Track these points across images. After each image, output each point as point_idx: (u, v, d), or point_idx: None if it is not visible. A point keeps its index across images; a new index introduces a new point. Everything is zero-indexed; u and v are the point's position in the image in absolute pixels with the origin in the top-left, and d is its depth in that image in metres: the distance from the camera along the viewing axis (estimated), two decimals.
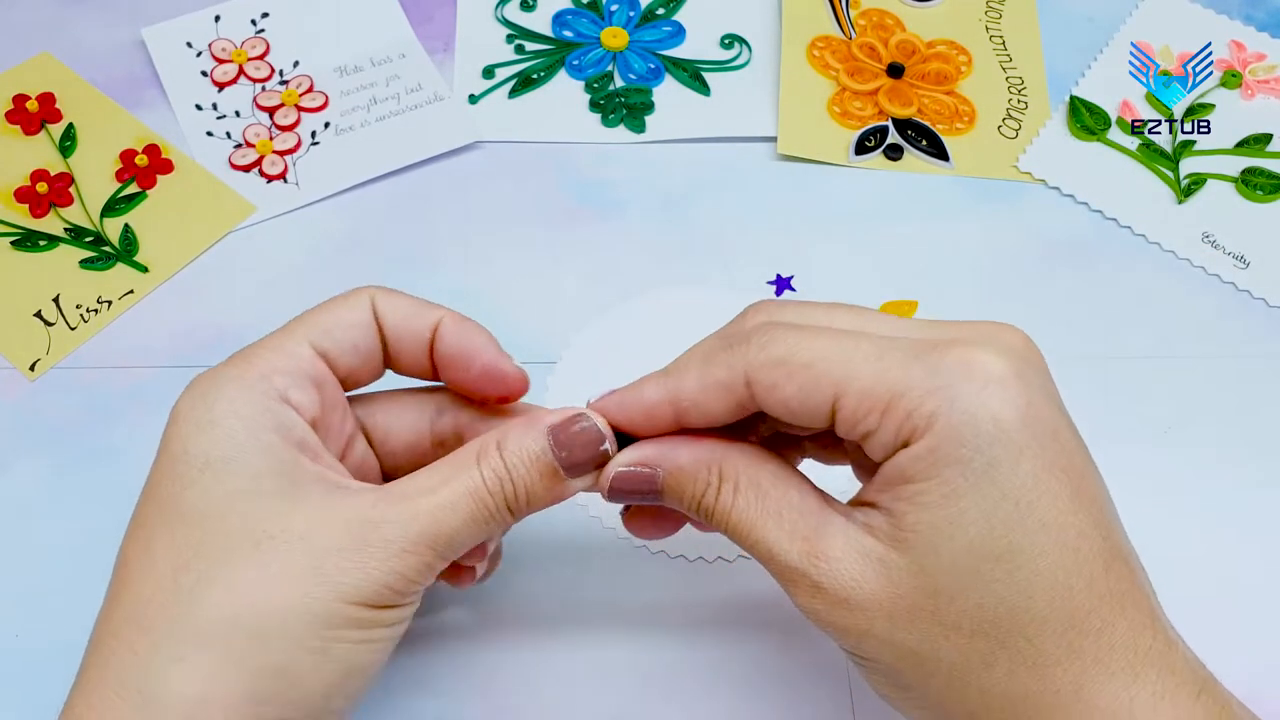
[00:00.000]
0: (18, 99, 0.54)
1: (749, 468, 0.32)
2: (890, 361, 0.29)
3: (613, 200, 0.52)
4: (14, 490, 0.44)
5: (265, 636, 0.29)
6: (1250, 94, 0.56)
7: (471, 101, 0.55)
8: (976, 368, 0.28)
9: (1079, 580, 0.28)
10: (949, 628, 0.29)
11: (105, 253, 0.50)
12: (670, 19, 0.58)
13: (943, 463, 0.28)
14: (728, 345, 0.31)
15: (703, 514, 0.32)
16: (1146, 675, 0.28)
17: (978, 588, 0.28)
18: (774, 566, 0.31)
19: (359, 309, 0.34)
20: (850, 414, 0.29)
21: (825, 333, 0.30)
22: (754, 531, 0.31)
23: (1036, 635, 0.28)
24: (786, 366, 0.29)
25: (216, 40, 0.56)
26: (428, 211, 0.52)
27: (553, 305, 0.49)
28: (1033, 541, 0.28)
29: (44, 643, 0.41)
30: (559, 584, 0.42)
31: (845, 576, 0.30)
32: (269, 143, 0.53)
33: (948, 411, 0.28)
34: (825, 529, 0.30)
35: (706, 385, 0.31)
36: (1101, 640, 0.28)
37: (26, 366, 0.47)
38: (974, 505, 0.28)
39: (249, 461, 0.30)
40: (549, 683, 0.40)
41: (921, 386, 0.28)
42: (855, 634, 0.30)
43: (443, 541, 0.31)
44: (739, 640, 0.41)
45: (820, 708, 0.40)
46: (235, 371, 0.32)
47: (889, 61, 0.57)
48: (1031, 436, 0.28)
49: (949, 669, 0.29)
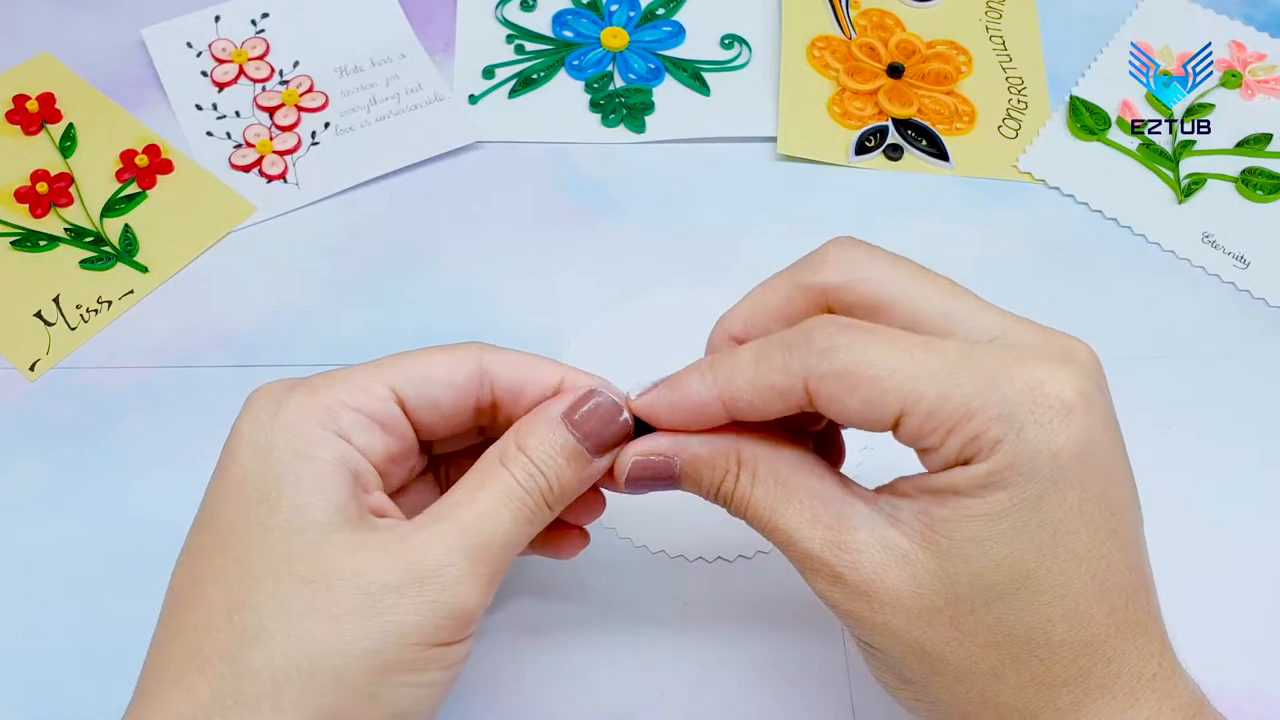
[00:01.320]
0: (18, 99, 0.54)
1: (767, 454, 0.31)
2: (960, 380, 0.28)
3: (612, 200, 0.52)
4: (14, 490, 0.44)
5: (319, 681, 0.28)
6: (1250, 94, 0.56)
7: (471, 101, 0.55)
8: (1046, 397, 0.28)
9: (1100, 610, 0.28)
10: (964, 635, 0.29)
11: (105, 253, 0.50)
12: (670, 19, 0.58)
13: (996, 486, 0.28)
14: (786, 347, 0.30)
15: (721, 500, 0.32)
16: (1145, 701, 0.29)
17: (1001, 604, 0.28)
18: (794, 553, 0.31)
19: (457, 369, 0.33)
20: (914, 430, 0.29)
21: (892, 342, 0.29)
22: (774, 518, 0.31)
23: (1049, 657, 0.29)
24: (851, 380, 0.29)
25: (216, 40, 0.56)
26: (428, 211, 0.52)
27: (552, 305, 0.49)
28: (1063, 569, 0.28)
29: (44, 643, 0.41)
30: (558, 584, 0.42)
31: (867, 568, 0.29)
32: (269, 143, 0.53)
33: (1013, 441, 0.28)
34: (848, 517, 0.30)
35: (760, 389, 0.30)
36: (1110, 667, 0.29)
37: (26, 366, 0.47)
38: (1013, 527, 0.28)
39: (303, 496, 0.30)
40: (548, 683, 0.40)
41: (989, 413, 0.28)
42: (870, 625, 0.30)
43: (494, 553, 0.30)
44: (738, 640, 0.41)
45: (820, 708, 0.40)
46: (301, 397, 0.31)
47: (889, 61, 0.57)
48: (1085, 472, 0.28)
49: (956, 672, 0.29)
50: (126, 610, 0.41)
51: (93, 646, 0.41)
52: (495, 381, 0.33)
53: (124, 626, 0.41)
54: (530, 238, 0.51)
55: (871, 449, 0.45)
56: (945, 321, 0.30)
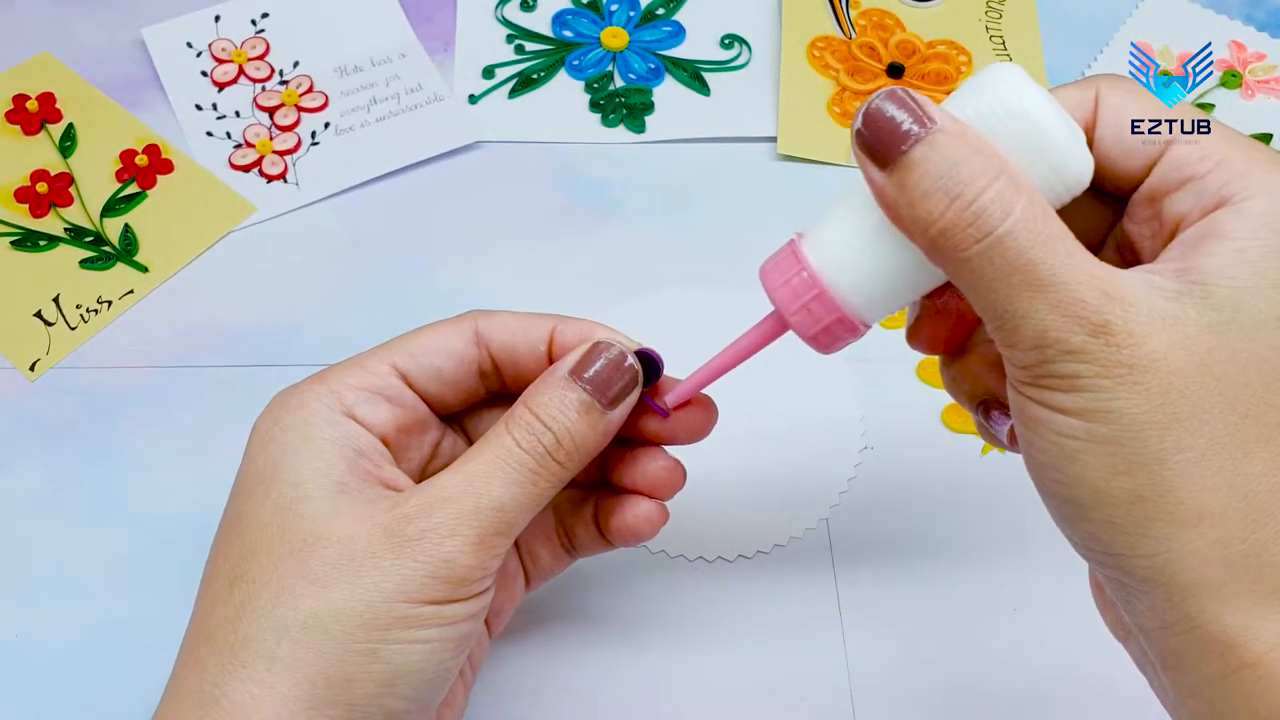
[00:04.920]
0: (18, 99, 0.54)
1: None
2: (1229, 133, 0.28)
3: (613, 200, 0.52)
4: (14, 490, 0.44)
5: (312, 641, 0.29)
6: (1250, 94, 0.56)
7: (471, 101, 0.55)
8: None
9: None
10: (1227, 400, 0.25)
11: (105, 253, 0.50)
12: (670, 19, 0.58)
13: (1269, 229, 0.26)
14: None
15: (965, 222, 0.26)
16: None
17: (1276, 354, 0.26)
18: (1051, 296, 0.25)
19: (453, 337, 0.34)
20: (1181, 159, 0.27)
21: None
22: (1036, 249, 0.25)
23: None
24: (1138, 100, 0.29)
25: (216, 40, 0.56)
26: (428, 211, 0.52)
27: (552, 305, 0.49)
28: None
29: (44, 643, 0.41)
30: (558, 584, 0.42)
31: (1136, 322, 0.25)
32: (269, 143, 0.53)
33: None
34: (1114, 273, 0.26)
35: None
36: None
37: (26, 366, 0.47)
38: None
39: (300, 474, 0.31)
40: (547, 683, 0.40)
41: (1259, 158, 0.27)
42: (1123, 388, 0.25)
43: (487, 514, 0.30)
44: (738, 640, 0.41)
45: (821, 708, 0.40)
46: (308, 385, 0.33)
47: (889, 61, 0.57)
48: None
49: (1206, 445, 0.25)
50: (127, 610, 0.41)
51: (93, 646, 0.41)
52: (490, 343, 0.34)
53: (124, 626, 0.41)
54: (530, 238, 0.51)
55: (872, 449, 0.45)
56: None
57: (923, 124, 0.26)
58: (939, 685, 0.41)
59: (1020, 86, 0.27)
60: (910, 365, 0.48)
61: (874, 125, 0.27)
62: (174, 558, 0.42)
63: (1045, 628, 0.42)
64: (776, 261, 0.31)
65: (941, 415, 0.46)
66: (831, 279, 0.30)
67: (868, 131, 0.27)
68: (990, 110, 0.27)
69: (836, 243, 0.30)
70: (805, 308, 0.30)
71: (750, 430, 0.44)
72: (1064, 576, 0.36)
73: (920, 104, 0.27)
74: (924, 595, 0.42)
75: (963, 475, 0.45)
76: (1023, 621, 0.42)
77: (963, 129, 0.26)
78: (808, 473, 0.45)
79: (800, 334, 0.31)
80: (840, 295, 0.30)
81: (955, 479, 0.45)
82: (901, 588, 0.43)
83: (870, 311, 0.30)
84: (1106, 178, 0.29)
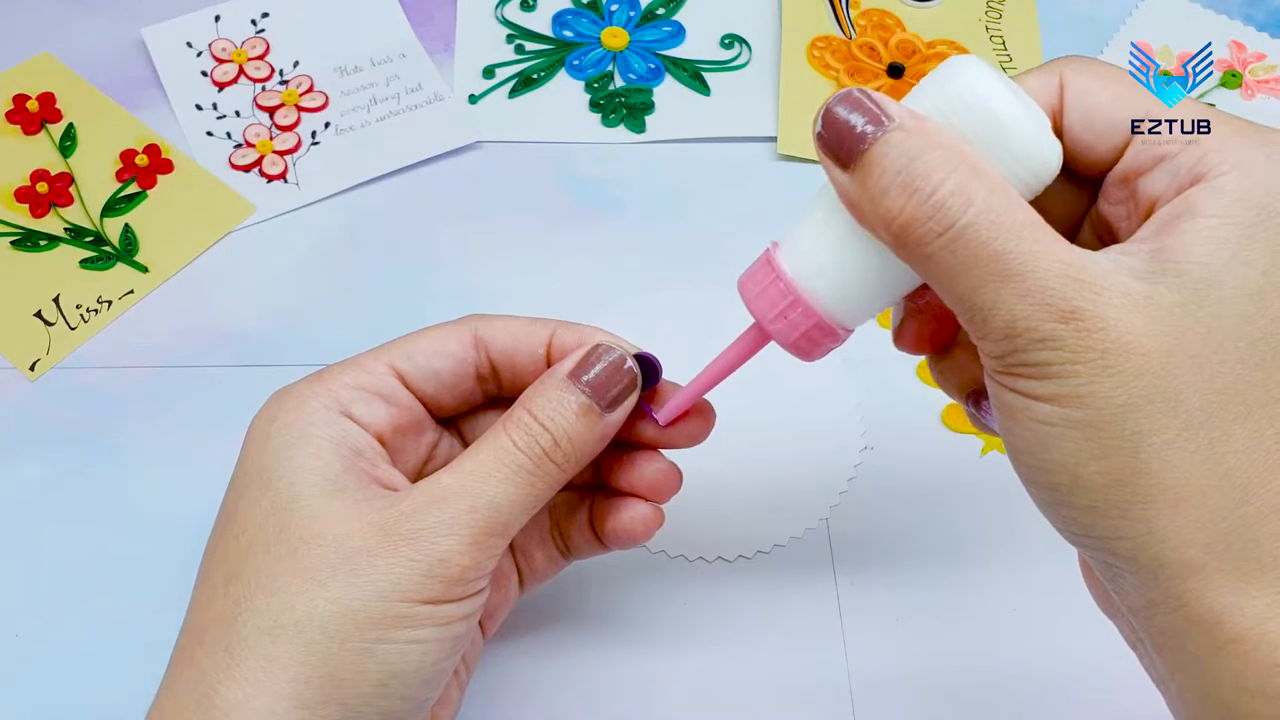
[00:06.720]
0: (18, 99, 0.54)
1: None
2: (1199, 108, 0.27)
3: (613, 200, 0.52)
4: (14, 490, 0.44)
5: (307, 640, 0.29)
6: (1250, 94, 0.56)
7: (471, 101, 0.55)
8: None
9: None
10: (1204, 377, 0.25)
11: (105, 253, 0.50)
12: (670, 19, 0.58)
13: (1242, 205, 0.26)
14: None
15: (927, 212, 0.26)
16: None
17: (1251, 329, 0.25)
18: (1019, 286, 0.25)
19: (452, 339, 0.34)
20: (1152, 138, 0.28)
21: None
22: (1000, 238, 0.25)
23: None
24: (1106, 82, 0.29)
25: (216, 40, 0.56)
26: (428, 211, 0.52)
27: (552, 305, 0.49)
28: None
29: (44, 643, 0.41)
30: (558, 582, 0.42)
31: (1107, 305, 0.25)
32: (269, 143, 0.53)
33: (1261, 162, 0.26)
34: (1083, 256, 0.26)
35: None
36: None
37: (26, 366, 0.47)
38: (1266, 253, 0.25)
39: (296, 473, 0.31)
40: (547, 683, 0.40)
41: (1231, 133, 0.27)
42: (1095, 371, 0.25)
43: (483, 513, 0.30)
44: (738, 640, 0.41)
45: (821, 709, 0.40)
46: (305, 384, 0.33)
47: (889, 61, 0.57)
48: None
49: (1182, 424, 0.25)
50: (126, 609, 0.41)
51: (93, 646, 0.41)
52: (489, 347, 0.34)
53: (124, 626, 0.41)
54: (530, 238, 0.51)
55: (872, 449, 0.45)
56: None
57: (879, 122, 0.26)
58: (939, 685, 0.41)
59: (980, 77, 0.27)
60: (910, 366, 0.48)
61: (833, 127, 0.27)
62: (174, 557, 0.42)
63: (1045, 627, 0.42)
64: (752, 273, 0.31)
65: (941, 415, 0.46)
66: (807, 286, 0.29)
67: (827, 133, 0.27)
68: (950, 104, 0.27)
69: (810, 248, 0.30)
70: (783, 315, 0.30)
71: (750, 430, 0.44)
72: (1064, 576, 0.36)
73: (878, 102, 0.27)
74: (924, 595, 0.42)
75: (962, 475, 0.45)
76: (1022, 621, 0.42)
77: (921, 123, 0.26)
78: (808, 473, 0.45)
79: (781, 343, 0.31)
80: (816, 301, 0.29)
81: (955, 479, 0.45)
82: (901, 588, 0.43)
83: (849, 316, 0.30)
84: (1079, 162, 0.29)
